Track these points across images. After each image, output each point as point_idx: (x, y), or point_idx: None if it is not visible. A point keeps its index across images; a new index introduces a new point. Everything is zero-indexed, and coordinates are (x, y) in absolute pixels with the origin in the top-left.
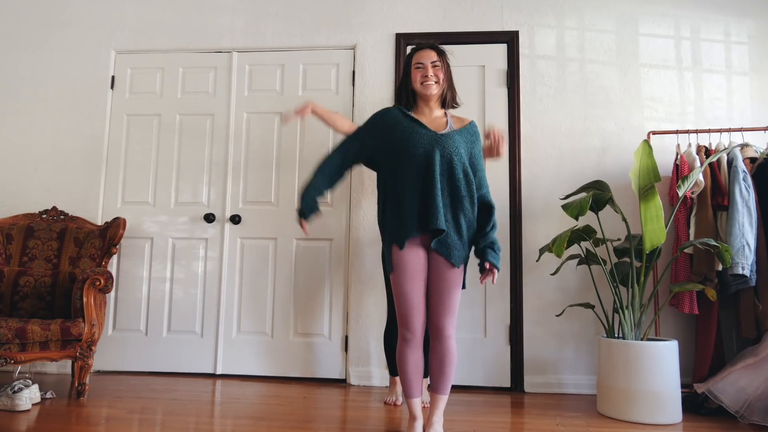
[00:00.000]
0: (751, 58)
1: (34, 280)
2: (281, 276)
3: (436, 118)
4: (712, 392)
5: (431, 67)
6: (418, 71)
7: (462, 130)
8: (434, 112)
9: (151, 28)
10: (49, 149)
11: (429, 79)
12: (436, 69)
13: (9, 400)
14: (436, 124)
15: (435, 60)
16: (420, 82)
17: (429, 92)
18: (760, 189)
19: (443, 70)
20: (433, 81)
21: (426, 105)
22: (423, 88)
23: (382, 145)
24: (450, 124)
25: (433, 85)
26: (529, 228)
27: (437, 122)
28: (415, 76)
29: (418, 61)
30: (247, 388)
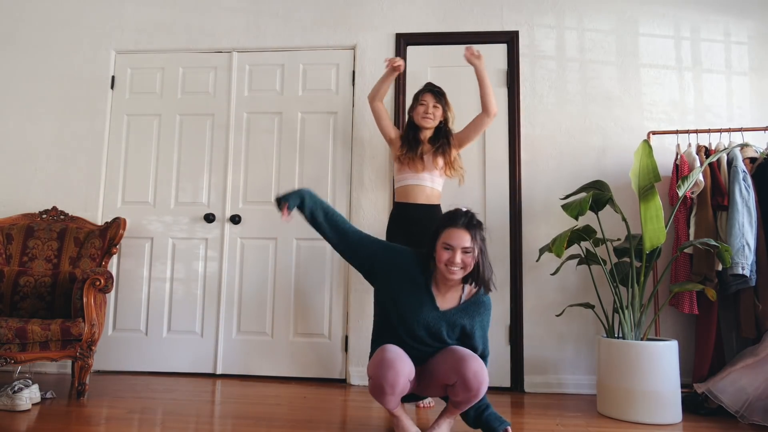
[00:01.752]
0: (751, 58)
1: (34, 280)
2: (281, 276)
3: (450, 296)
4: (712, 392)
5: (461, 252)
6: (445, 252)
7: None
8: (450, 290)
9: (151, 28)
10: (49, 149)
11: (455, 265)
12: (466, 255)
13: (9, 400)
14: (446, 301)
15: (467, 246)
16: (444, 264)
17: (451, 278)
18: (760, 189)
19: (474, 255)
20: (459, 267)
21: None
22: (445, 272)
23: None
24: (462, 298)
25: (458, 272)
26: (529, 228)
27: (449, 299)
28: (440, 254)
29: (448, 241)
30: (247, 388)
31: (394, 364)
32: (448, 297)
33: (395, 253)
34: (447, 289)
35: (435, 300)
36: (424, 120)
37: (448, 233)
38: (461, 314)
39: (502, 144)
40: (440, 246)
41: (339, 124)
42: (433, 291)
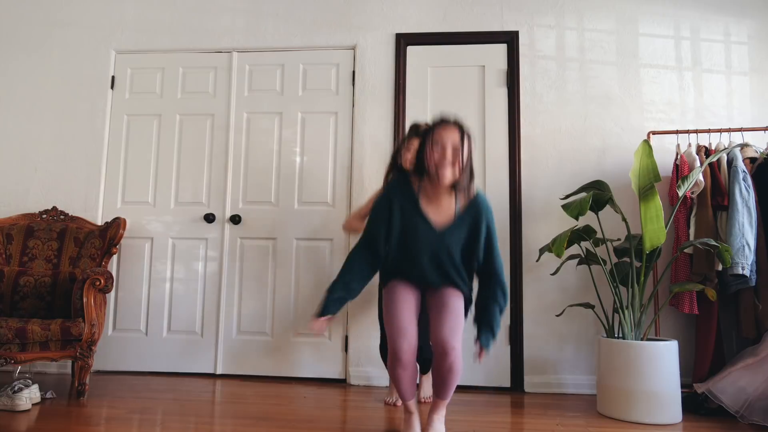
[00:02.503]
0: (751, 58)
1: (34, 280)
2: (281, 276)
3: (444, 208)
4: (712, 392)
5: (451, 148)
6: (435, 148)
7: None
8: (442, 198)
9: (151, 28)
10: (49, 149)
11: (446, 163)
12: (456, 152)
13: (9, 400)
14: (442, 216)
15: (457, 142)
16: (435, 162)
17: (443, 175)
18: (760, 189)
19: (462, 154)
20: (450, 166)
21: (435, 189)
22: (437, 170)
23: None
24: (457, 209)
25: (448, 170)
26: (529, 228)
27: (444, 213)
28: (430, 155)
29: (438, 138)
30: (247, 388)
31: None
32: (441, 208)
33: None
34: (438, 196)
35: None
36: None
37: (438, 131)
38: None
39: (502, 144)
40: (430, 146)
41: (339, 124)
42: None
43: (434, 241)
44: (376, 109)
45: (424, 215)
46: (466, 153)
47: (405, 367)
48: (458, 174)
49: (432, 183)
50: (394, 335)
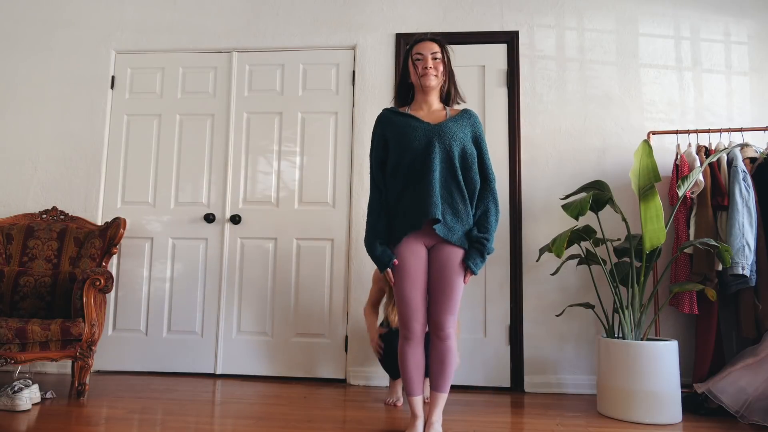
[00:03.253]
0: (751, 58)
1: (34, 280)
2: (281, 276)
3: (434, 112)
4: (712, 392)
5: (431, 58)
6: (418, 63)
7: (458, 116)
8: (433, 106)
9: (151, 28)
10: (49, 149)
11: (429, 71)
12: (436, 62)
13: (9, 400)
14: (433, 117)
15: (435, 51)
16: (420, 74)
17: (428, 83)
18: (760, 189)
19: (443, 62)
20: (433, 73)
21: (424, 99)
22: (422, 79)
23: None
24: (448, 115)
25: (432, 76)
26: (529, 228)
27: (435, 115)
28: (413, 69)
29: (418, 52)
30: (247, 388)
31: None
32: (432, 116)
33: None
34: (429, 107)
35: (417, 118)
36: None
37: (417, 46)
38: (454, 125)
39: (502, 144)
40: (412, 61)
41: (339, 124)
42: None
43: (431, 134)
44: (376, 109)
45: (416, 118)
46: (446, 60)
47: (414, 345)
48: (442, 80)
49: (421, 94)
50: (406, 312)
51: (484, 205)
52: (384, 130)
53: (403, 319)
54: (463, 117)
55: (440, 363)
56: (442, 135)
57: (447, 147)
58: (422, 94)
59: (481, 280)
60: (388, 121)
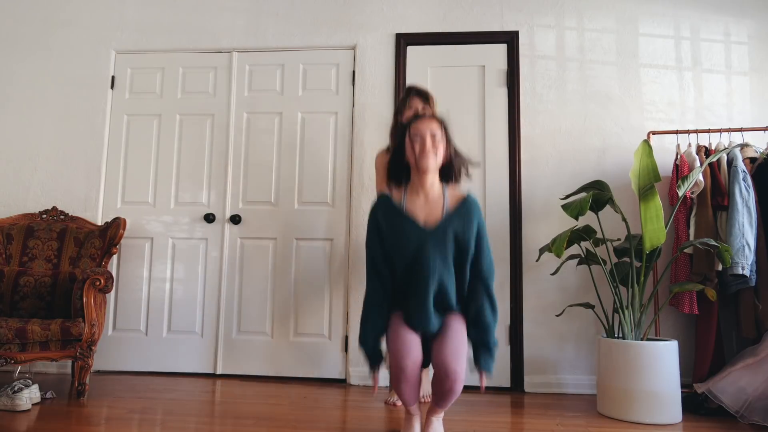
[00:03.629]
0: (751, 58)
1: (34, 280)
2: (281, 276)
3: (432, 201)
4: (712, 392)
5: (430, 137)
6: (416, 141)
7: (457, 210)
8: (429, 191)
9: (151, 28)
10: (49, 149)
11: (427, 152)
12: (435, 140)
13: (9, 400)
14: (429, 210)
15: (435, 131)
16: (417, 153)
17: (426, 165)
18: (760, 189)
19: (443, 142)
20: (432, 154)
21: (421, 182)
22: (420, 160)
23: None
24: (446, 207)
25: (431, 157)
26: (529, 228)
27: (432, 206)
28: (411, 149)
29: (416, 130)
30: (247, 388)
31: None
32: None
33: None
34: (426, 193)
35: (413, 221)
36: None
37: (415, 125)
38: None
39: (502, 144)
40: (409, 141)
41: (339, 124)
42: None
43: (423, 240)
44: (376, 109)
45: (409, 218)
46: (446, 141)
47: (408, 382)
48: (441, 161)
49: (418, 177)
50: (398, 355)
51: (476, 303)
52: (379, 224)
53: (395, 357)
54: (462, 209)
55: (442, 397)
56: (436, 241)
57: (442, 251)
58: (419, 176)
59: None
60: (383, 215)
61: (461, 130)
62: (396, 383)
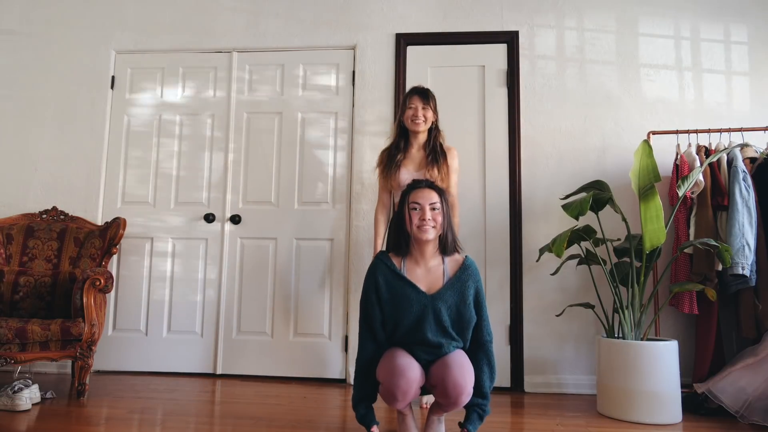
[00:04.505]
0: (751, 58)
1: (34, 280)
2: (281, 276)
3: (432, 269)
4: (712, 392)
5: (429, 209)
6: (414, 213)
7: (456, 276)
8: (429, 260)
9: (151, 28)
10: (49, 149)
11: (426, 223)
12: (434, 212)
13: (9, 400)
14: (430, 277)
15: (434, 202)
16: (416, 225)
17: (425, 237)
18: (760, 189)
19: (442, 213)
20: (431, 225)
21: (420, 251)
22: (419, 232)
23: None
24: (446, 273)
25: (429, 229)
26: (529, 228)
27: (432, 274)
28: (411, 219)
29: (415, 201)
30: (247, 388)
31: (405, 373)
32: (429, 274)
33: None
34: (425, 261)
35: (414, 286)
36: (414, 124)
37: (413, 195)
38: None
39: (502, 144)
40: (408, 210)
41: (339, 124)
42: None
43: (426, 306)
44: (376, 109)
45: (411, 283)
46: (445, 211)
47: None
48: (440, 231)
49: (418, 247)
50: (391, 375)
51: (478, 368)
52: (378, 286)
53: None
54: (462, 275)
55: (449, 406)
56: (438, 305)
57: (443, 317)
58: (419, 246)
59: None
60: (383, 278)
61: (461, 131)
62: (387, 402)
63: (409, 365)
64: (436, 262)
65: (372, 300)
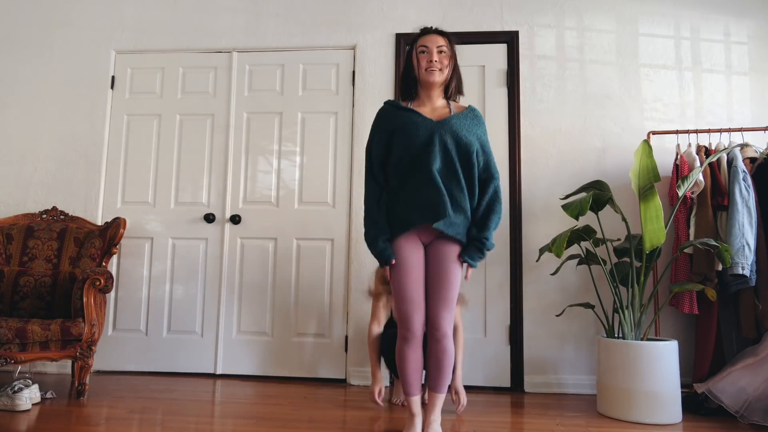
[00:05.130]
0: (751, 58)
1: (34, 280)
2: (281, 276)
3: (437, 108)
4: (712, 392)
5: (436, 52)
6: (422, 56)
7: (461, 114)
8: (436, 102)
9: (151, 28)
10: (49, 149)
11: (433, 65)
12: (441, 55)
13: (9, 400)
14: (436, 114)
15: (441, 45)
16: (424, 68)
17: (432, 79)
18: (760, 189)
19: (449, 56)
20: (437, 68)
21: (427, 94)
22: (426, 74)
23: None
24: (452, 111)
25: (436, 72)
26: (529, 228)
27: (438, 111)
28: (418, 61)
29: (423, 44)
30: (247, 388)
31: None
32: (435, 112)
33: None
34: (432, 102)
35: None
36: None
37: (422, 39)
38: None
39: (502, 144)
40: (416, 54)
41: (339, 124)
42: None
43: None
44: (376, 109)
45: (418, 112)
46: (452, 55)
47: (413, 346)
48: (447, 75)
49: (425, 90)
50: (406, 310)
51: (486, 204)
52: (385, 124)
53: (403, 316)
54: (467, 115)
55: (436, 364)
56: (444, 131)
57: (449, 143)
58: (426, 89)
59: (481, 280)
60: (389, 115)
61: None
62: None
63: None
64: (442, 103)
65: (376, 139)
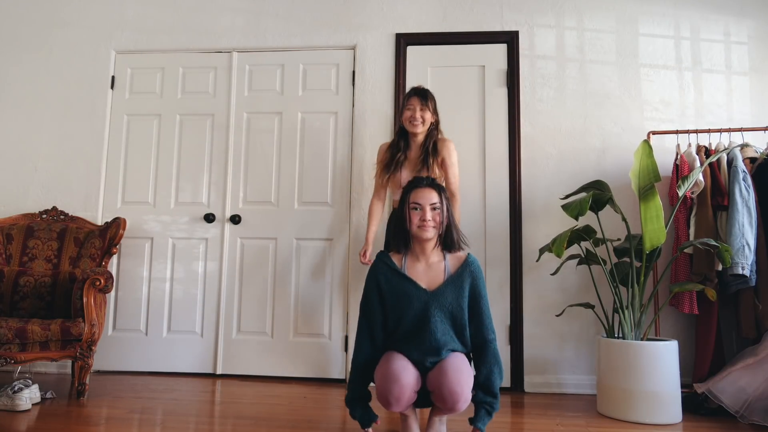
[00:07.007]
0: (751, 58)
1: (34, 280)
2: (281, 276)
3: (432, 265)
4: (712, 392)
5: (429, 209)
6: (414, 213)
7: (456, 276)
8: (430, 257)
9: (151, 28)
10: (49, 149)
11: (426, 224)
12: (434, 212)
13: (9, 400)
14: (431, 274)
15: (435, 202)
16: (416, 225)
17: (425, 236)
18: (760, 189)
19: (443, 212)
20: (431, 225)
21: (421, 248)
22: (419, 231)
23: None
24: (447, 270)
25: (430, 230)
26: (529, 228)
27: (433, 270)
28: (411, 218)
29: (415, 201)
30: (247, 388)
31: (399, 378)
32: (430, 271)
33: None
34: (426, 258)
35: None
36: (412, 126)
37: (414, 194)
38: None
39: (502, 144)
40: (409, 210)
41: (339, 124)
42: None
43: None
44: (376, 109)
45: (411, 280)
46: (445, 210)
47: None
48: (441, 231)
49: (419, 245)
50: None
51: (486, 368)
52: (379, 285)
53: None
54: (463, 272)
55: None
56: (439, 302)
57: (445, 312)
58: (419, 244)
59: None
60: (384, 277)
61: (461, 131)
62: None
63: (403, 369)
64: (438, 258)
65: (372, 300)
